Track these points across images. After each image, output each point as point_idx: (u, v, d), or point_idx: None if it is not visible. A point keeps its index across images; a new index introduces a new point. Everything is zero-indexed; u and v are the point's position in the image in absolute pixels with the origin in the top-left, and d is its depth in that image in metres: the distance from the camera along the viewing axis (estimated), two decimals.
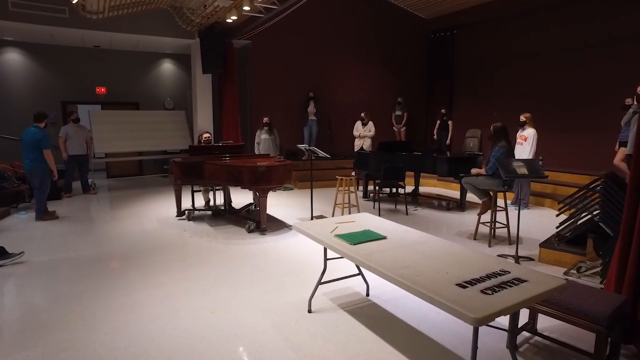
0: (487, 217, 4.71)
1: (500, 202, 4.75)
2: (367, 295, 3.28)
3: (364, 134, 8.46)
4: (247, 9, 6.90)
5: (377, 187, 6.39)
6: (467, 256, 2.37)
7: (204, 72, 8.89)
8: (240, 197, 7.00)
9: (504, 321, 2.38)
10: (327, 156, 5.79)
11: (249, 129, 9.84)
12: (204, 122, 9.49)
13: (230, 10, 7.19)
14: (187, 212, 5.91)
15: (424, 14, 11.34)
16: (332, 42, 10.43)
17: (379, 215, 5.51)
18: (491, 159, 4.67)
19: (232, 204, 6.33)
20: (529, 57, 9.19)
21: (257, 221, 5.22)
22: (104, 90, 10.10)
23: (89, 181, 8.10)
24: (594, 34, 7.99)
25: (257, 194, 5.33)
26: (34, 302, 3.21)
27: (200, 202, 6.40)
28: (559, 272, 3.65)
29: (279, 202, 7.08)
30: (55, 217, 5.88)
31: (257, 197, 5.28)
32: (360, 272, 3.31)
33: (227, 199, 6.22)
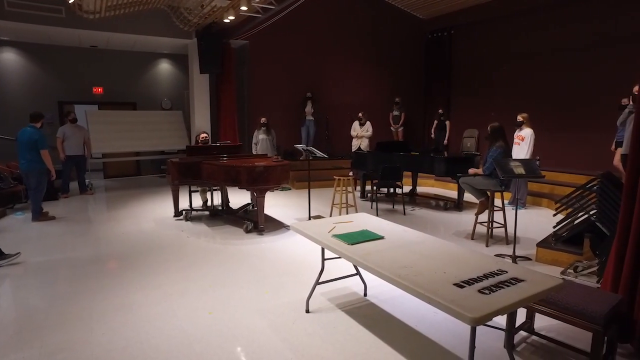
0: (485, 217, 4.72)
1: (497, 202, 4.75)
2: (365, 295, 3.28)
3: (361, 134, 8.46)
4: (244, 9, 6.89)
5: (375, 187, 6.39)
6: (464, 256, 2.37)
7: (202, 72, 8.87)
8: (237, 198, 7.00)
9: (501, 321, 2.39)
10: (325, 156, 5.79)
11: (247, 129, 9.83)
12: (201, 122, 9.46)
13: (227, 10, 7.18)
14: (184, 212, 5.90)
15: (422, 14, 11.35)
16: (329, 42, 10.43)
17: (376, 215, 5.52)
18: (488, 159, 4.68)
19: (229, 204, 6.33)
20: (526, 57, 9.21)
21: (254, 221, 5.22)
22: (100, 90, 10.07)
23: (86, 181, 8.07)
24: (592, 34, 8.01)
25: (254, 194, 5.33)
26: (30, 303, 3.20)
27: (197, 203, 6.39)
28: (556, 271, 3.66)
29: (276, 203, 7.08)
30: (51, 218, 5.86)
31: (255, 198, 5.27)
32: (358, 272, 3.31)
33: (225, 199, 6.22)
